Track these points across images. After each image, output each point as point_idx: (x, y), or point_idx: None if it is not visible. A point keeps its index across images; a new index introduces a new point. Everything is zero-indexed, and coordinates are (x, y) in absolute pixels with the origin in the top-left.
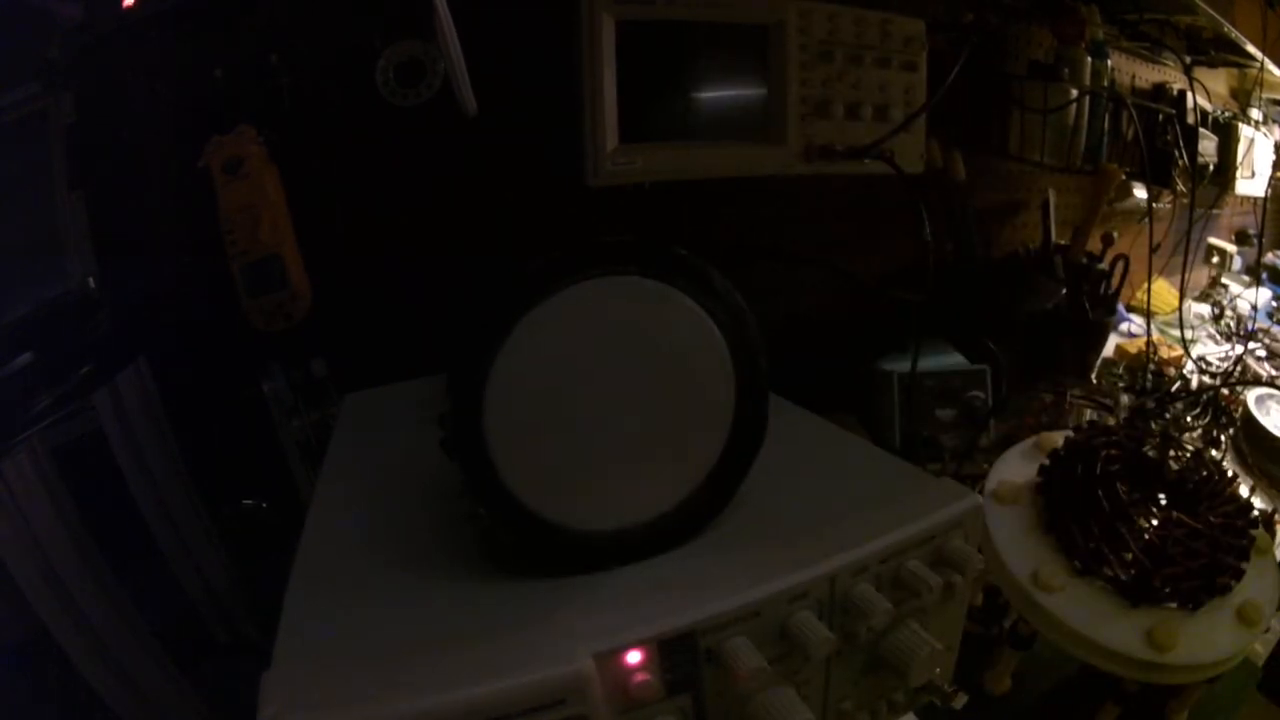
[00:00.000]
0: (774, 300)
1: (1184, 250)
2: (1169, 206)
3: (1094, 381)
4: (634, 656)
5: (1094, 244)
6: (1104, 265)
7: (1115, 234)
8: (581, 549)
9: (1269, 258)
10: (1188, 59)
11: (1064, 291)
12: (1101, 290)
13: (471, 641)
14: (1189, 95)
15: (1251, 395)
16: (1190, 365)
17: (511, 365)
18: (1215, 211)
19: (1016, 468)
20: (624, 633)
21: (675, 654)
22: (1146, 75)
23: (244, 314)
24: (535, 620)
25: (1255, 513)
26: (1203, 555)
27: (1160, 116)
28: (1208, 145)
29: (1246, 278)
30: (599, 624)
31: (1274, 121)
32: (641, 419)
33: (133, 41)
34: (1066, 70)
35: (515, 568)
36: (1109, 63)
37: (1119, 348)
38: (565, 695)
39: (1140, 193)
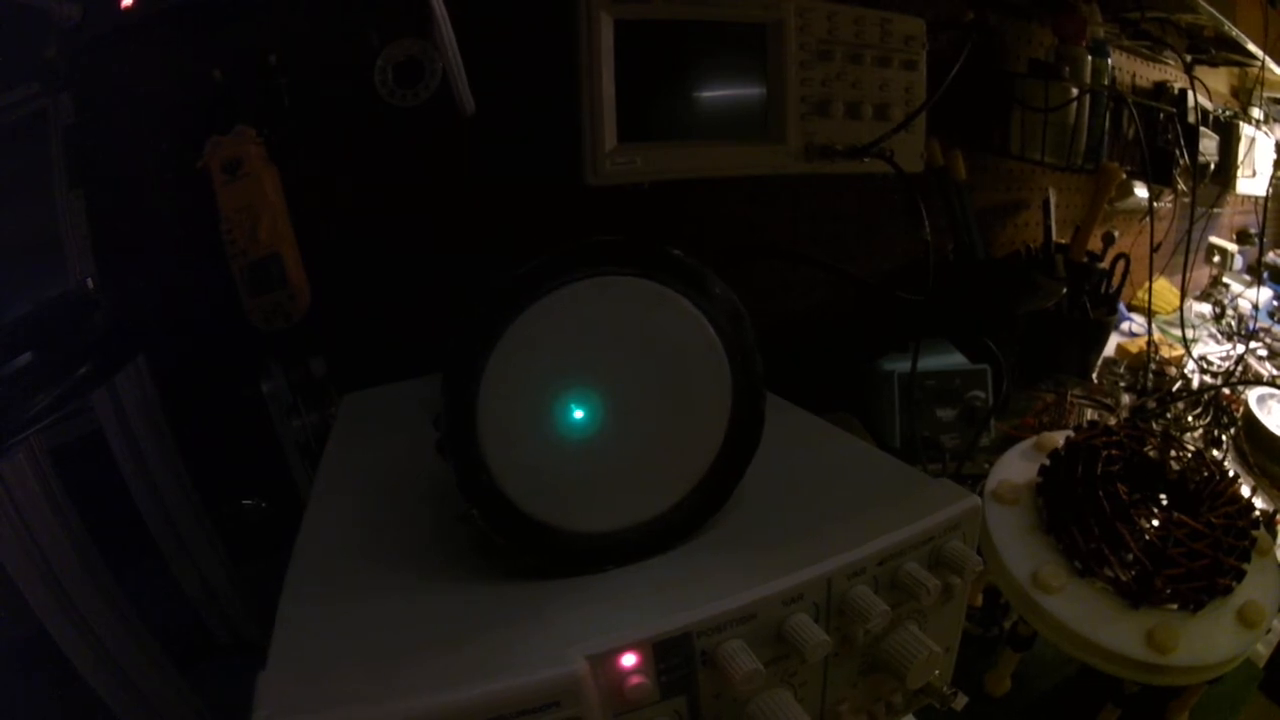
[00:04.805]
0: (774, 299)
1: (1185, 249)
2: (1170, 205)
3: (1095, 381)
4: (629, 659)
5: (1095, 243)
6: (1105, 264)
7: (1116, 233)
8: (576, 550)
9: (1270, 257)
10: (1188, 57)
11: (1065, 291)
12: (1102, 289)
13: (466, 643)
14: (1190, 94)
15: (1253, 395)
16: (1191, 365)
17: (505, 366)
18: (1216, 210)
19: (1017, 468)
20: (618, 634)
21: (670, 656)
22: (1147, 74)
23: (243, 314)
24: (529, 622)
25: (1256, 513)
26: (1204, 556)
27: (1161, 115)
28: (1209, 144)
29: (1248, 277)
30: (593, 626)
31: (1275, 120)
32: (637, 420)
33: (131, 41)
34: (1067, 69)
35: (510, 569)
36: (1110, 61)
37: (1120, 347)
38: (559, 697)
39: (1141, 192)
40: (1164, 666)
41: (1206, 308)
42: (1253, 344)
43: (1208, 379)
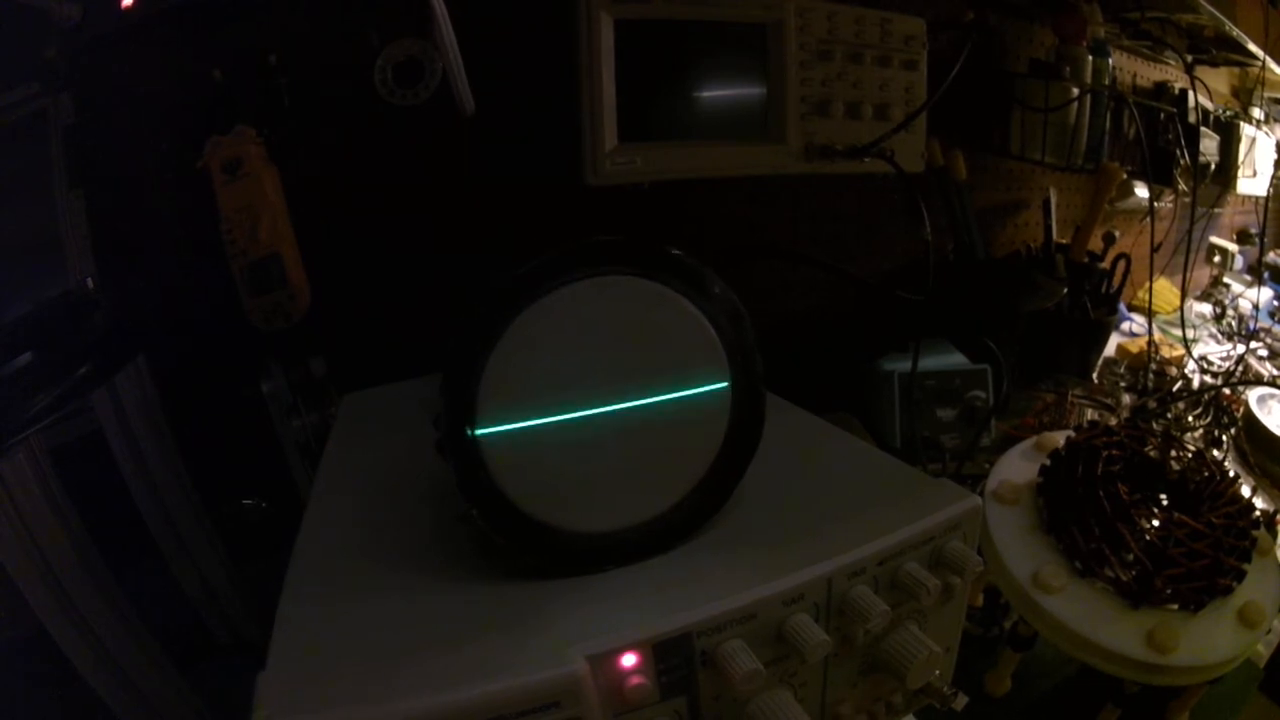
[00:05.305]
0: (774, 299)
1: (1185, 249)
2: (1170, 205)
3: (1095, 381)
4: (629, 659)
5: (1095, 243)
6: (1105, 264)
7: (1116, 233)
8: (576, 551)
9: (1270, 257)
10: (1189, 57)
11: (1065, 291)
12: (1103, 289)
13: (466, 643)
14: (1190, 94)
15: (1253, 395)
16: (1192, 365)
17: (505, 366)
18: (1217, 210)
19: (1017, 468)
20: (619, 635)
21: (670, 656)
22: (1148, 74)
23: (243, 314)
24: (529, 622)
25: (1257, 513)
26: (1204, 556)
27: (1162, 115)
28: (1209, 144)
29: (1248, 277)
30: (593, 626)
31: (1275, 120)
32: (637, 420)
33: (131, 41)
34: (1067, 69)
35: (510, 569)
36: (1110, 61)
37: (1120, 347)
38: (559, 698)
39: (1142, 192)
40: (1164, 666)
41: (1207, 308)
42: (1253, 344)
43: (1208, 379)
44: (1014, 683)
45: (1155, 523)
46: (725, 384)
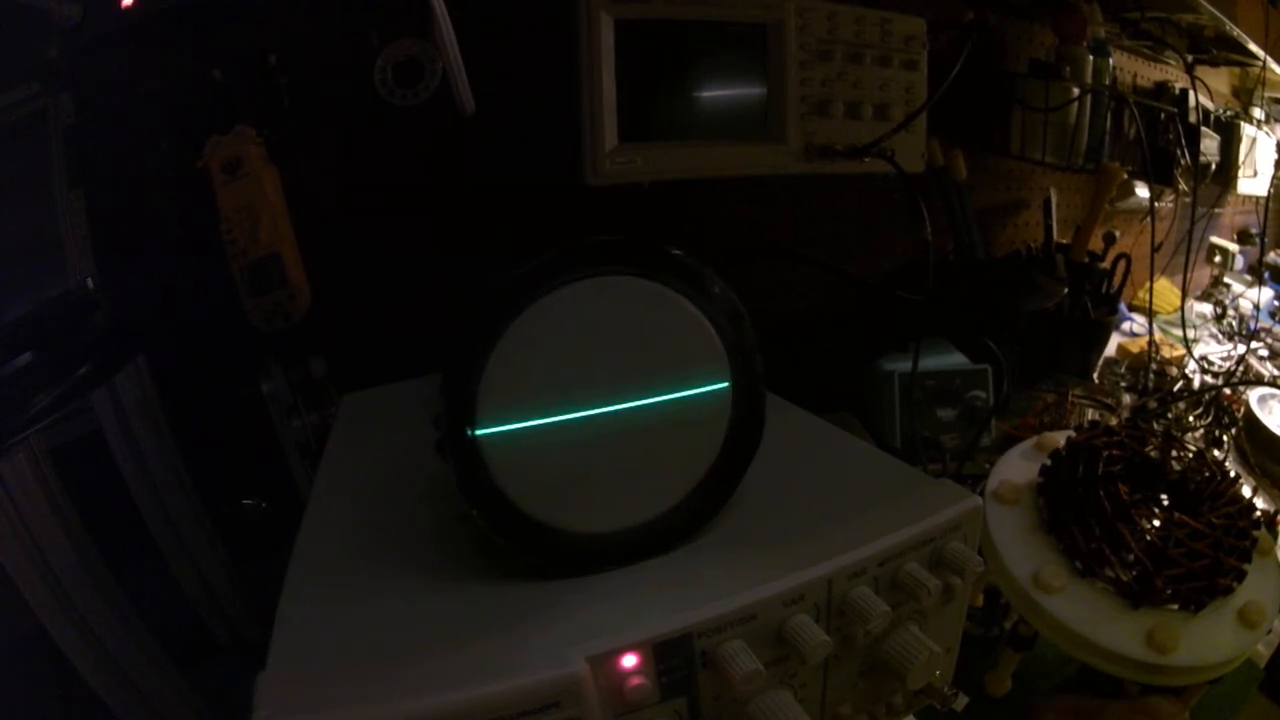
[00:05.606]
0: (774, 299)
1: (1186, 249)
2: (1171, 205)
3: (1096, 381)
4: (629, 660)
5: (1096, 243)
6: (1106, 264)
7: (1117, 233)
8: (576, 551)
9: (1271, 257)
10: (1189, 57)
11: (1066, 291)
12: (1103, 289)
13: (466, 643)
14: (1191, 94)
15: (1254, 395)
16: (1192, 365)
17: (505, 366)
18: (1217, 210)
19: (1018, 468)
20: (619, 636)
21: (670, 657)
22: (1148, 74)
23: (243, 314)
24: (529, 622)
25: (1257, 513)
26: (1205, 556)
27: (1162, 115)
28: (1210, 144)
29: (1249, 277)
30: (593, 626)
31: (1276, 120)
32: (637, 420)
33: (131, 41)
34: (1068, 69)
35: (510, 569)
36: (1110, 61)
37: (1121, 347)
38: (559, 698)
39: (1142, 192)
40: (1164, 667)
41: (1207, 308)
42: (1254, 344)
43: (1209, 379)
44: (1014, 683)
45: (1155, 523)
46: (725, 384)
